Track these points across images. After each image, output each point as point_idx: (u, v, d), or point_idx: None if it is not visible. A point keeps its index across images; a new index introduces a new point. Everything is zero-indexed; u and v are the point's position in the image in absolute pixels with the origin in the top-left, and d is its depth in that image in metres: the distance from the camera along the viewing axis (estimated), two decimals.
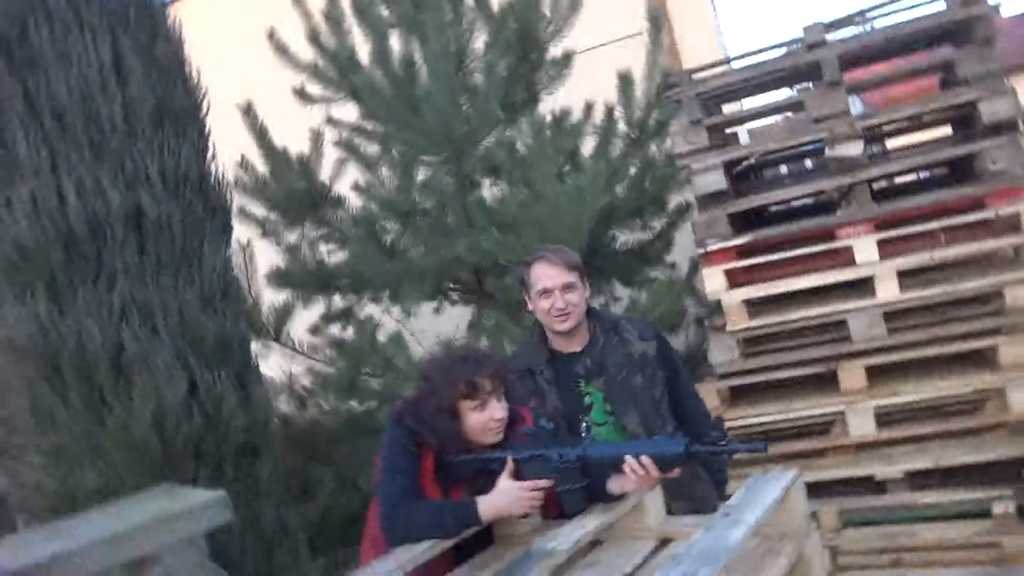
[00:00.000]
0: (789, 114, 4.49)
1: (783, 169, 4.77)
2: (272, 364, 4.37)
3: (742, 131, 4.32)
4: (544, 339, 2.72)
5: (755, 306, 3.63)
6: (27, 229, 3.45)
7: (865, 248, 3.41)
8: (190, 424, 3.49)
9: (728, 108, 4.26)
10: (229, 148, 4.15)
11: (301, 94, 4.47)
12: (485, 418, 2.34)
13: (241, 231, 4.32)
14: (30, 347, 3.51)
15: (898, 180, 4.28)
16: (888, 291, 3.37)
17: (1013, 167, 3.34)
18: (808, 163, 4.84)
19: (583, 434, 2.64)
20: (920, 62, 4.02)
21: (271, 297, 4.49)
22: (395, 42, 4.17)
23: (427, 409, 2.36)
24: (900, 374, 3.42)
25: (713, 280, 3.56)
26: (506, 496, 2.27)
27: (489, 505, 2.27)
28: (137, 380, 3.44)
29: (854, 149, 3.42)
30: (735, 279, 3.58)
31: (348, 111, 4.50)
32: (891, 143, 4.53)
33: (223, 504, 1.07)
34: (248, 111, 4.39)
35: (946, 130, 4.45)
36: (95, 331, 3.41)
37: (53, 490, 3.13)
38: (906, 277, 3.39)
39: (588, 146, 4.49)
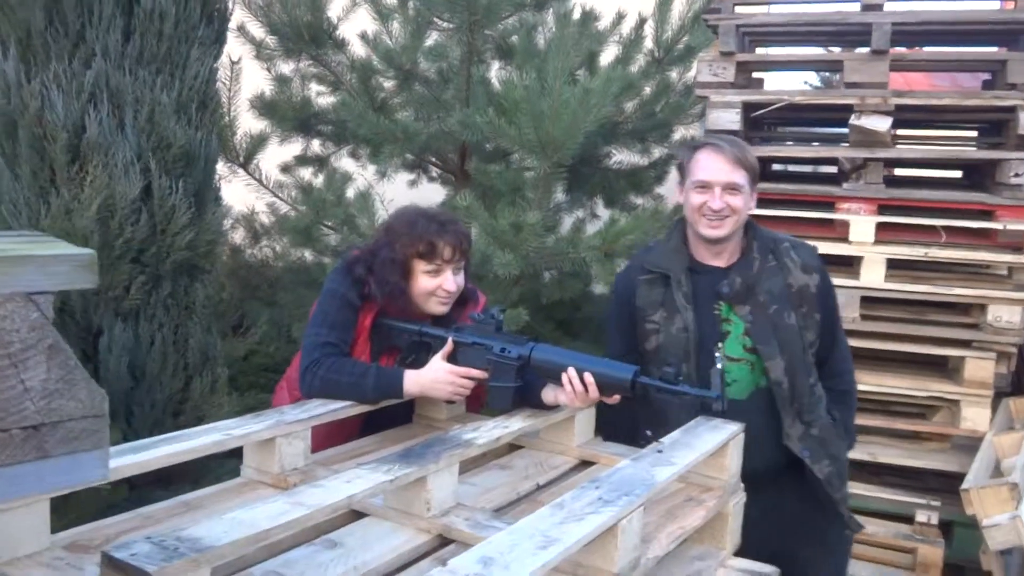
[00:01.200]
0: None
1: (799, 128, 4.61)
2: (234, 191, 4.19)
3: (769, 80, 4.13)
4: (685, 243, 2.37)
5: None
6: None
7: (862, 227, 3.30)
8: (135, 229, 3.35)
9: (761, 52, 4.07)
10: None
11: None
12: (434, 285, 2.25)
13: (234, 47, 4.10)
14: None
15: (910, 171, 4.14)
16: (873, 276, 3.27)
17: None
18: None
19: (716, 365, 2.22)
20: (968, 55, 3.86)
21: (248, 123, 4.29)
22: None
23: (380, 258, 2.25)
24: (860, 362, 3.35)
25: None
26: (435, 376, 2.17)
27: (415, 380, 2.17)
28: (90, 169, 3.28)
29: (880, 124, 3.28)
30: None
31: None
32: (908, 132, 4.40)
33: (86, 267, 0.91)
34: None
35: (963, 132, 4.33)
36: (59, 104, 3.22)
37: None
38: (894, 267, 3.30)
39: (608, 56, 4.30)
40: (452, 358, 2.20)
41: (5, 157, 3.32)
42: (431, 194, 4.39)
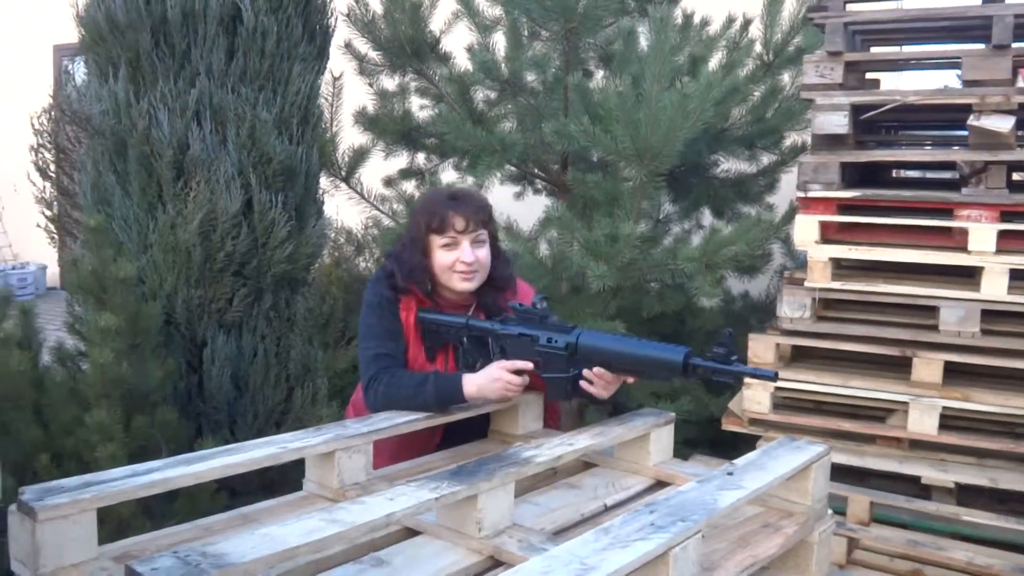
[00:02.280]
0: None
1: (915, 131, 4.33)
2: (336, 205, 4.26)
3: (885, 80, 3.90)
4: None
5: (842, 268, 3.32)
6: (122, 5, 3.37)
7: (983, 236, 3.04)
8: (236, 242, 3.44)
9: (875, 51, 3.84)
10: None
11: None
12: (452, 259, 2.25)
13: (337, 62, 4.17)
14: (102, 126, 3.48)
15: None
16: (995, 288, 3.02)
17: None
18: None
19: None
20: None
21: (351, 137, 4.35)
22: None
23: (402, 242, 2.31)
24: (977, 380, 3.11)
25: (805, 229, 3.25)
26: (488, 373, 2.16)
27: (473, 382, 2.17)
28: (194, 184, 3.39)
29: (1003, 124, 3.02)
30: (828, 233, 3.27)
31: None
32: None
33: None
34: None
35: None
36: (164, 123, 3.35)
37: (89, 269, 3.11)
38: (1017, 278, 3.04)
39: (716, 61, 4.16)
40: (501, 351, 2.20)
41: (117, 175, 3.48)
42: (536, 206, 4.34)
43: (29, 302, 3.49)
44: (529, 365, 2.14)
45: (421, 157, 4.49)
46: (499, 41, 4.09)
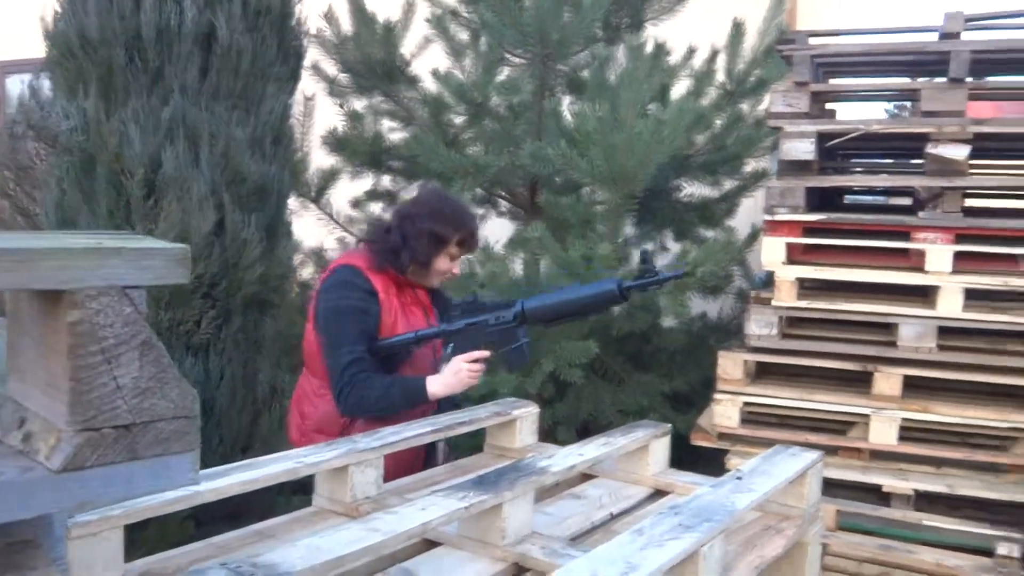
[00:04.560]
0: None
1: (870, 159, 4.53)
2: (304, 227, 4.26)
3: (841, 111, 4.07)
4: None
5: (807, 288, 3.46)
6: (95, 22, 3.34)
7: (939, 257, 3.21)
8: (207, 263, 3.41)
9: (835, 82, 4.02)
10: None
11: None
12: (448, 267, 2.50)
13: (308, 84, 4.18)
14: (70, 143, 3.43)
15: (990, 201, 4.02)
16: (950, 306, 3.18)
17: None
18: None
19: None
20: None
21: (320, 159, 4.37)
22: None
23: (421, 228, 2.42)
24: (934, 393, 3.26)
25: (772, 251, 3.38)
26: (452, 370, 2.36)
27: (439, 382, 2.37)
28: (165, 204, 3.35)
29: (958, 152, 3.20)
30: (794, 255, 3.41)
31: None
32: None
33: (179, 261, 0.92)
34: None
35: None
36: (136, 140, 3.32)
37: None
38: (972, 297, 3.20)
39: (680, 89, 4.29)
40: (456, 347, 2.39)
41: (83, 193, 3.41)
42: (499, 228, 4.41)
43: None
44: (484, 354, 2.37)
45: (387, 179, 4.51)
46: (467, 65, 4.16)
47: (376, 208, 4.37)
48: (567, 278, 3.34)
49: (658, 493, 2.14)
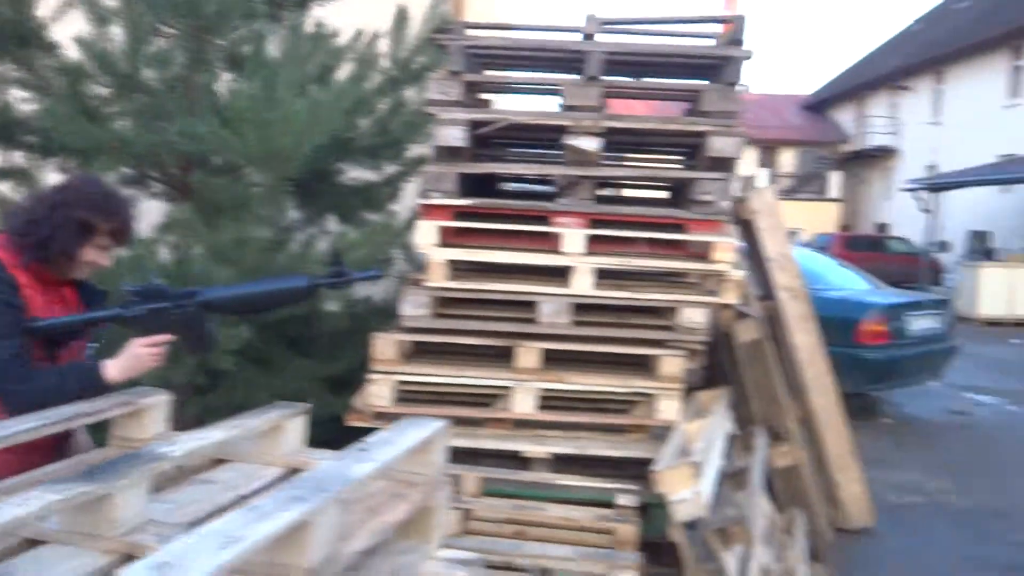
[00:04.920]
0: None
1: (523, 148, 4.83)
2: None
3: (496, 101, 4.32)
4: None
5: (458, 270, 3.64)
6: None
7: (574, 240, 3.52)
8: None
9: (490, 74, 4.25)
10: None
11: None
12: (94, 258, 2.33)
13: None
14: None
15: (623, 190, 4.47)
16: (583, 285, 3.50)
17: (719, 202, 3.58)
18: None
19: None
20: (671, 86, 4.23)
21: None
22: None
23: (63, 217, 2.24)
24: (570, 364, 3.57)
25: (426, 233, 3.53)
26: (132, 353, 2.28)
27: (116, 367, 2.27)
28: None
29: (591, 144, 3.52)
30: (447, 238, 3.58)
31: None
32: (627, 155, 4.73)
33: None
34: None
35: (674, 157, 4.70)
36: None
37: None
38: (602, 276, 3.54)
39: (344, 73, 4.31)
40: (137, 331, 2.30)
41: None
42: (151, 210, 4.18)
43: None
44: (165, 338, 2.29)
45: (19, 155, 4.11)
46: (116, 34, 3.90)
47: (6, 187, 3.97)
48: (219, 264, 3.26)
49: (294, 472, 2.17)
